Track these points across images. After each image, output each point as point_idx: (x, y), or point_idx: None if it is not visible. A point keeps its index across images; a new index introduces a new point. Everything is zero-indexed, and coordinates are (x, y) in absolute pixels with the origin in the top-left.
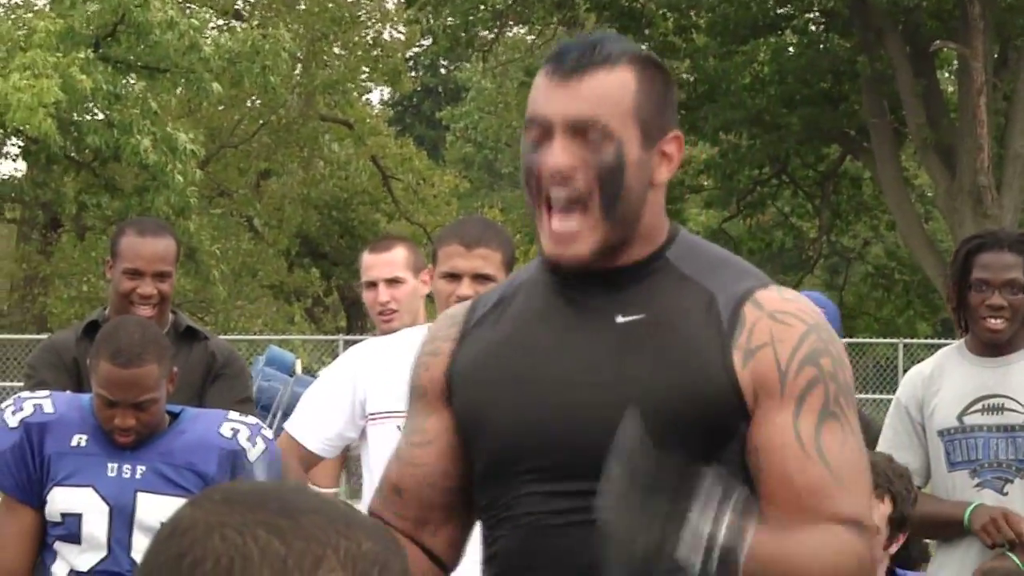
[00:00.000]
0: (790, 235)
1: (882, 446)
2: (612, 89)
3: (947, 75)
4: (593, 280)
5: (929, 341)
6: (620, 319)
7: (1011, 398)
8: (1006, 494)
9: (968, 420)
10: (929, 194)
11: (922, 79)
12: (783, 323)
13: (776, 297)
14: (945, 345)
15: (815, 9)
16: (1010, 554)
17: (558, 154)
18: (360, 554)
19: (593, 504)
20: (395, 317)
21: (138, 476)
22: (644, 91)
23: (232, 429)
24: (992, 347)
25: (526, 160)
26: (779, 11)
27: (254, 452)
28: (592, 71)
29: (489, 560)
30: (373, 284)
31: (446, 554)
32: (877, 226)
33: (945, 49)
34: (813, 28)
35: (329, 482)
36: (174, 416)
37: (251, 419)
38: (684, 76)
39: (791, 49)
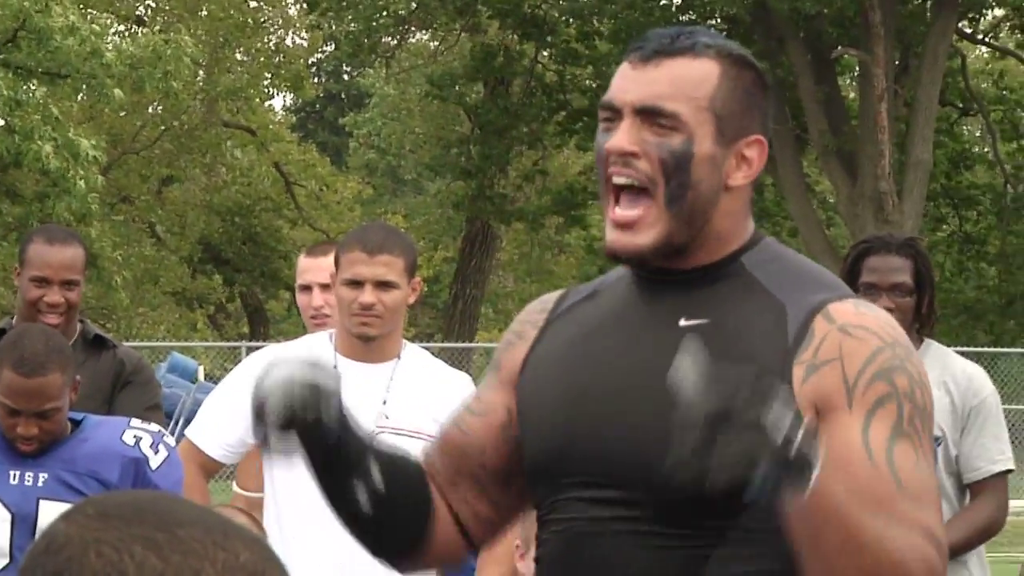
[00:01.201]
0: None
1: None
2: (690, 77)
3: (848, 82)
4: (664, 282)
5: None
6: (683, 322)
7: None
8: None
9: None
10: (831, 200)
11: (823, 86)
12: (855, 337)
13: (851, 310)
14: None
15: (717, 16)
16: None
17: (621, 136)
18: (238, 566)
19: (638, 514)
20: (327, 322)
21: (40, 484)
22: (727, 86)
23: (135, 437)
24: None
25: (597, 144)
26: (681, 18)
27: (156, 460)
28: (672, 57)
29: (537, 560)
30: (307, 288)
31: (471, 525)
32: (779, 232)
33: (846, 56)
34: None
35: (256, 486)
36: (76, 423)
37: (153, 427)
38: (587, 83)
39: None
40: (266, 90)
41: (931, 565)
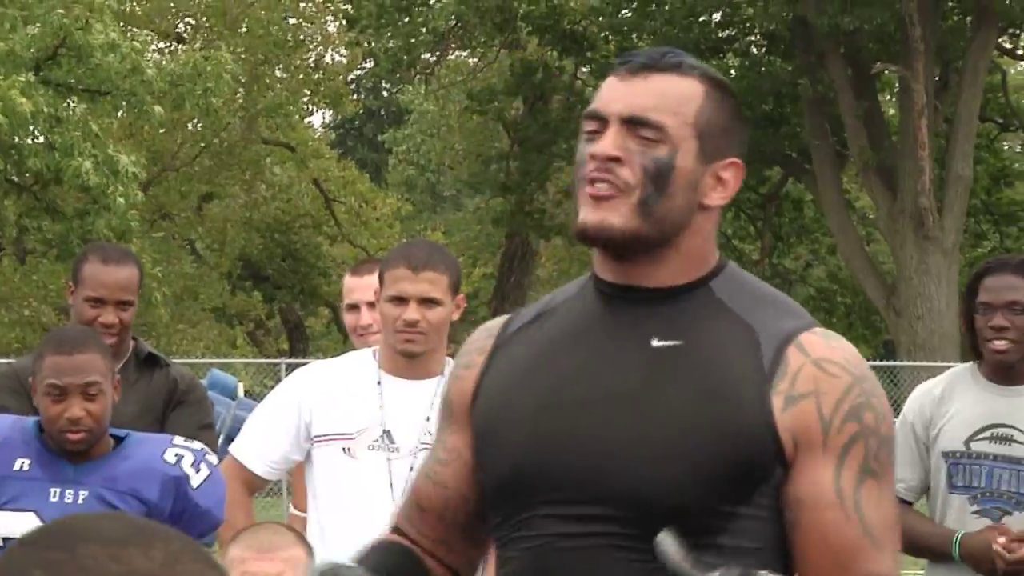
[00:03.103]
0: (732, 257)
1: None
2: (677, 93)
3: (888, 98)
4: (630, 298)
5: (871, 363)
6: (656, 343)
7: (1020, 430)
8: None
9: (975, 446)
10: (871, 216)
11: (863, 101)
12: (828, 373)
13: (821, 343)
14: (885, 367)
15: (757, 32)
16: None
17: (606, 141)
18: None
19: (613, 529)
20: (376, 339)
21: (80, 501)
22: (710, 107)
23: (176, 455)
24: (1004, 374)
25: (578, 154)
26: (721, 34)
27: (197, 478)
28: (660, 73)
29: None
30: (355, 306)
31: (463, 570)
32: (818, 248)
33: (886, 72)
34: (755, 51)
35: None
36: (119, 440)
37: (196, 444)
38: None
39: (733, 72)
40: (305, 107)
41: None
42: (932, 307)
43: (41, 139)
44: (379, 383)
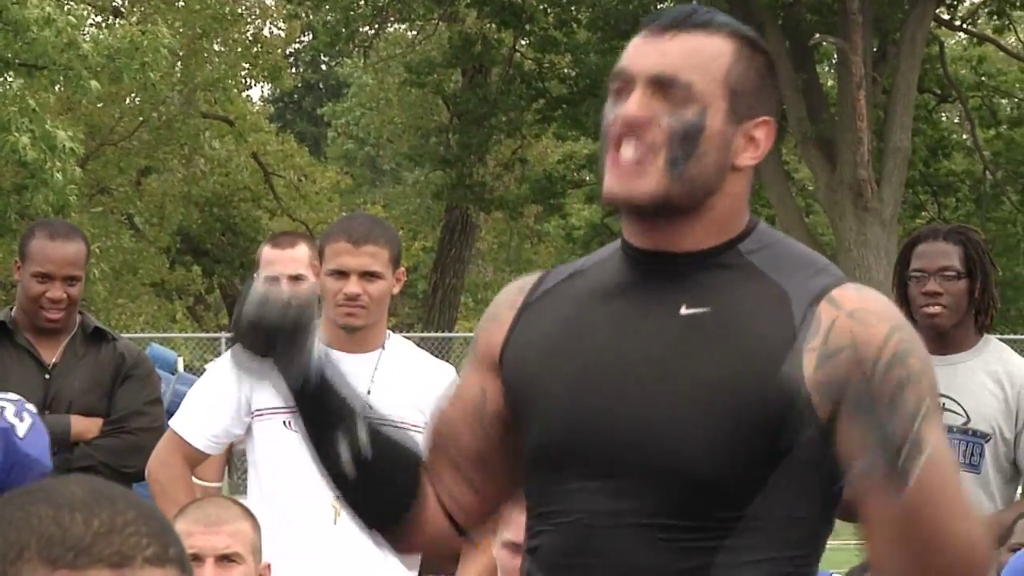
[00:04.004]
0: None
1: None
2: (705, 52)
3: (827, 69)
4: (660, 263)
5: None
6: (685, 310)
7: (952, 399)
8: None
9: None
10: (810, 188)
11: (802, 73)
12: (865, 323)
13: (854, 295)
14: None
15: (696, 3)
16: None
17: (632, 104)
18: (60, 539)
19: (646, 505)
20: None
21: None
22: (741, 65)
23: None
24: (937, 342)
25: (604, 115)
26: (660, 6)
27: (23, 427)
28: (688, 31)
29: (531, 552)
30: (275, 279)
31: (457, 513)
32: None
33: (824, 43)
34: None
35: (213, 476)
36: None
37: (12, 395)
38: (565, 71)
39: None
40: (244, 80)
41: (983, 549)
42: (871, 278)
43: None
44: None
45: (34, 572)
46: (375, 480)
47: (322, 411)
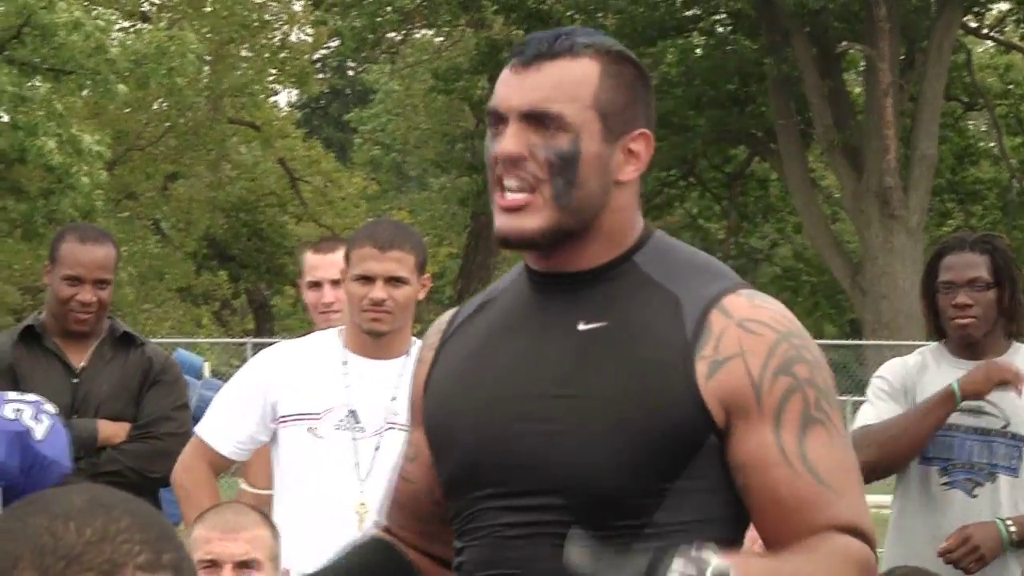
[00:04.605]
0: (698, 237)
1: (868, 418)
2: (572, 79)
3: (854, 77)
4: (556, 285)
5: (836, 342)
6: (582, 326)
7: (989, 402)
8: (975, 496)
9: (947, 418)
10: (836, 195)
11: (829, 80)
12: (752, 332)
13: (745, 303)
14: (851, 346)
15: (722, 11)
16: (999, 520)
17: (508, 141)
18: (52, 549)
19: (554, 517)
20: (339, 317)
21: None
22: (609, 84)
23: (15, 410)
24: (971, 349)
25: (486, 151)
26: (686, 13)
27: (40, 430)
28: (552, 60)
29: (458, 568)
30: (317, 284)
31: (448, 555)
32: (784, 227)
33: (851, 51)
34: (720, 30)
35: (264, 483)
36: None
37: (30, 396)
38: None
39: (698, 51)
40: (271, 86)
41: (862, 564)
42: (897, 286)
43: (5, 119)
44: (345, 363)
45: None
46: None
47: None
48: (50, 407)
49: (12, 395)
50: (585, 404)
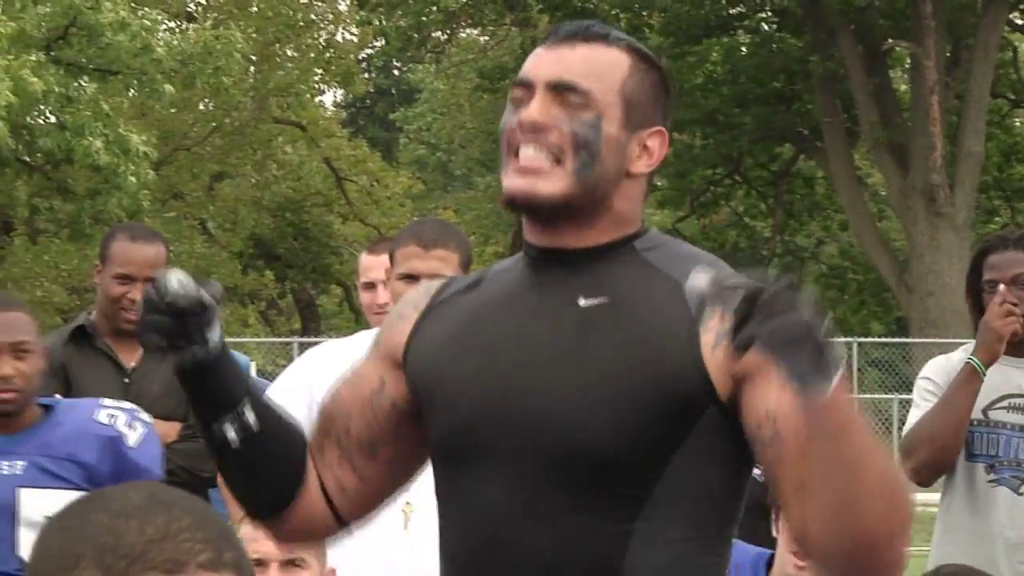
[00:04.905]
0: (744, 235)
1: (912, 420)
2: (602, 61)
3: (900, 74)
4: (557, 260)
5: (883, 340)
6: (583, 302)
7: None
8: (1021, 494)
9: (993, 415)
10: (882, 193)
11: (875, 78)
12: None
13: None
14: (898, 343)
15: (767, 9)
16: None
17: (533, 108)
18: (114, 547)
19: (556, 487)
20: None
21: (18, 471)
22: (636, 77)
23: (109, 415)
24: (1017, 346)
25: (503, 121)
26: (731, 11)
27: (133, 437)
28: (587, 42)
29: (444, 546)
30: (371, 285)
31: (337, 496)
32: (830, 225)
33: (897, 48)
34: (765, 28)
35: None
36: (47, 409)
37: (126, 404)
38: None
39: (744, 49)
40: (316, 86)
41: (905, 492)
42: (944, 283)
43: (52, 119)
44: None
45: None
46: (261, 455)
47: (213, 390)
48: (145, 416)
49: (108, 402)
50: (585, 372)
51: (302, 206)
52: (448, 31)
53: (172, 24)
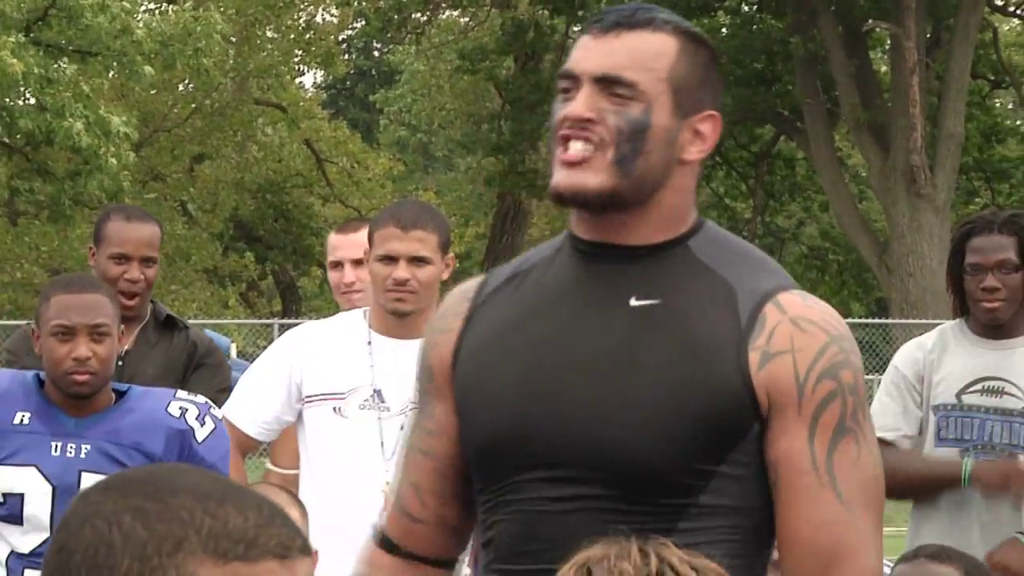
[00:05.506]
0: (724, 216)
1: (874, 414)
2: (649, 50)
3: (880, 55)
4: (608, 257)
5: (863, 321)
6: (634, 302)
7: (1011, 383)
8: None
9: (967, 399)
10: (863, 174)
11: (855, 59)
12: (805, 331)
13: (800, 302)
14: (878, 324)
15: None
16: (1020, 535)
17: (579, 103)
18: (224, 532)
19: (599, 492)
20: (357, 298)
21: (83, 455)
22: (684, 61)
23: (181, 408)
24: (994, 329)
25: (553, 114)
26: None
27: (202, 432)
28: (631, 30)
29: (487, 544)
30: (339, 264)
31: (455, 550)
32: (811, 206)
33: (878, 29)
34: (746, 9)
35: (289, 463)
36: (121, 394)
37: (199, 398)
38: None
39: (724, 30)
40: (296, 67)
41: None
42: (924, 264)
43: (32, 100)
44: (369, 343)
45: (201, 565)
46: None
47: None
48: (217, 412)
49: (182, 394)
50: (635, 380)
51: (282, 187)
52: (428, 12)
53: (152, 5)
